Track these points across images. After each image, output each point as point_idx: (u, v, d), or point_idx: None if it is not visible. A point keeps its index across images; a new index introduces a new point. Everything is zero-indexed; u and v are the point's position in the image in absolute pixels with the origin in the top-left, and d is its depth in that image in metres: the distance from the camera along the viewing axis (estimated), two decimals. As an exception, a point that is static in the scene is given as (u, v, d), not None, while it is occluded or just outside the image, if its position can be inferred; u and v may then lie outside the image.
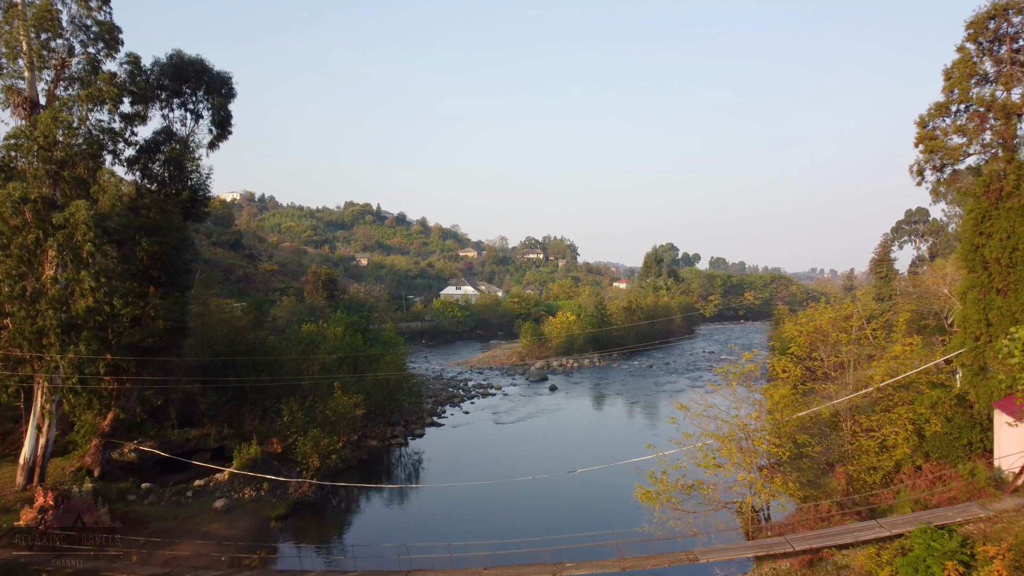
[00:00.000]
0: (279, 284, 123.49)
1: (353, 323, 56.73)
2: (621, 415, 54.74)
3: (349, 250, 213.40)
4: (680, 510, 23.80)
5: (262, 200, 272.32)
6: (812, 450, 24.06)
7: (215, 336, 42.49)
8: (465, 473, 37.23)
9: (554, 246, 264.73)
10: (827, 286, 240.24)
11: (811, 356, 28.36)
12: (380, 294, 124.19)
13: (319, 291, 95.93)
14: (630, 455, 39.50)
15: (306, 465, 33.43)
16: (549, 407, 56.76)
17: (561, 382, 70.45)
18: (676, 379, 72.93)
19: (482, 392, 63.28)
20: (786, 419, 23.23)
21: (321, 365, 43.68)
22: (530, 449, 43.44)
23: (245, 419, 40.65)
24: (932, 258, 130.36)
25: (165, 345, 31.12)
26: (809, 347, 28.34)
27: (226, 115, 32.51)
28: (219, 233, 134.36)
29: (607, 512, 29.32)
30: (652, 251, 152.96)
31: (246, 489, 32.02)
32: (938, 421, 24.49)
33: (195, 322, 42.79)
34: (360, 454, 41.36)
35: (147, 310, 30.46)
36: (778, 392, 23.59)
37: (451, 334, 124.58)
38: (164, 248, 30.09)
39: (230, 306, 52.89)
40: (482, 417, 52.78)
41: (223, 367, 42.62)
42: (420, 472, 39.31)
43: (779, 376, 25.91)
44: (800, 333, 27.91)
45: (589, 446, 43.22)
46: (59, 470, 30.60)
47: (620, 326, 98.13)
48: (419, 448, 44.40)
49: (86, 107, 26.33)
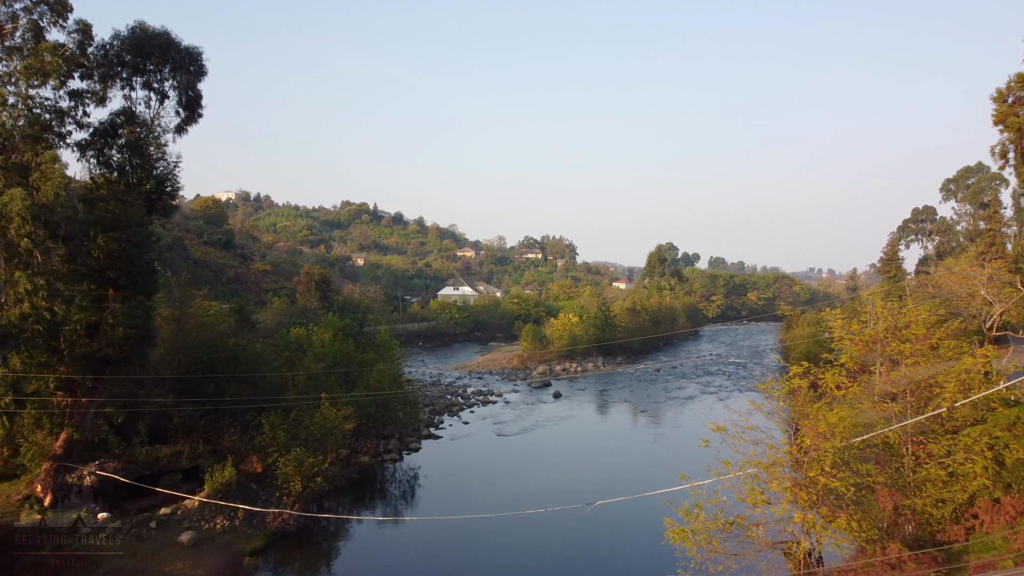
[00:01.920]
0: (272, 285, 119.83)
1: (345, 327, 53.04)
2: (634, 428, 51.03)
3: (345, 250, 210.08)
4: (719, 552, 20.17)
5: (257, 199, 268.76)
6: (873, 480, 20.52)
7: (192, 343, 38.78)
8: (467, 497, 33.70)
9: (553, 246, 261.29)
10: (830, 286, 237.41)
11: (866, 369, 24.82)
12: (376, 295, 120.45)
13: (312, 292, 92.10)
14: (651, 480, 35.87)
15: (287, 490, 29.74)
16: (554, 417, 53.14)
17: (565, 388, 66.89)
18: (686, 385, 69.38)
19: (482, 400, 59.65)
20: (845, 444, 19.65)
21: (307, 374, 39.97)
22: (537, 467, 39.69)
23: (223, 434, 36.99)
24: (940, 257, 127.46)
25: (126, 355, 27.39)
26: (861, 359, 24.75)
27: (195, 95, 28.76)
28: (210, 232, 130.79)
29: (631, 551, 25.73)
30: (655, 250, 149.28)
31: (218, 518, 28.32)
32: (1020, 446, 20.95)
33: (169, 328, 39.24)
34: (350, 472, 37.69)
35: (105, 316, 26.75)
36: (834, 413, 19.97)
37: (449, 336, 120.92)
38: (123, 246, 26.33)
39: (214, 308, 49.08)
40: (483, 428, 49.14)
41: (201, 377, 39.05)
42: (416, 493, 35.56)
43: (833, 393, 22.29)
44: (853, 342, 24.30)
45: (603, 467, 39.31)
46: (3, 498, 26.94)
47: (625, 328, 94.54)
48: (415, 464, 40.75)
49: (27, 81, 22.66)
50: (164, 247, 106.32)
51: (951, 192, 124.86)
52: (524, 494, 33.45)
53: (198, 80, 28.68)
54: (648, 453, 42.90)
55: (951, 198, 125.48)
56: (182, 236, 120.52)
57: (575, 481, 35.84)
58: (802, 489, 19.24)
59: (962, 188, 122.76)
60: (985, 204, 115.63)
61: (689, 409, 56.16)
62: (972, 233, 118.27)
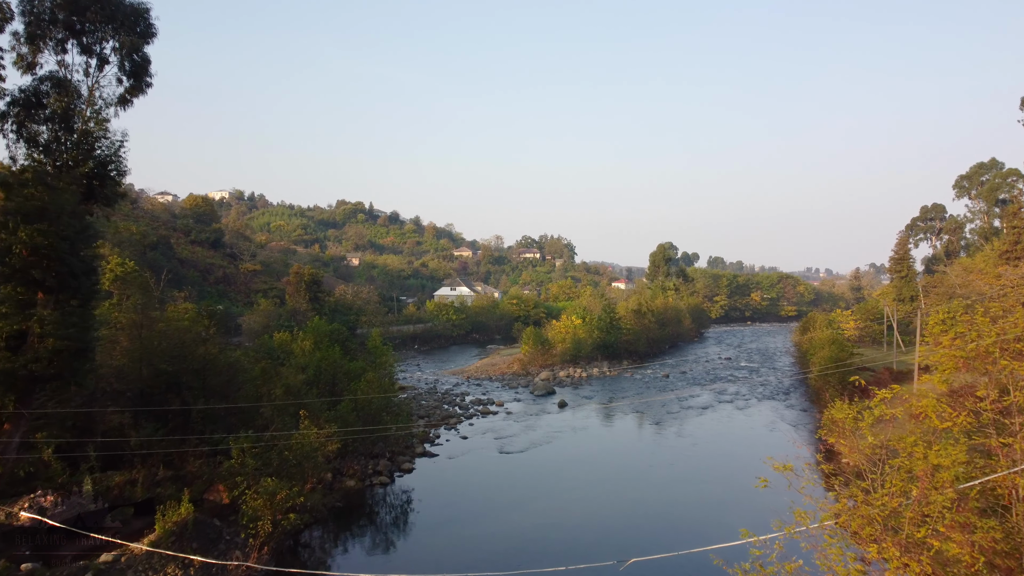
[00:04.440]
0: (261, 285, 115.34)
1: (332, 332, 48.42)
2: (652, 444, 46.42)
3: (340, 250, 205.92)
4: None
5: (251, 199, 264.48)
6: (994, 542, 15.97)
7: (154, 351, 34.12)
8: (467, 535, 29.13)
9: (551, 245, 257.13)
10: (833, 286, 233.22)
11: (972, 393, 20.36)
12: (369, 296, 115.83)
13: (301, 293, 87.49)
14: (685, 520, 31.03)
15: (255, 531, 25.11)
16: (561, 430, 48.59)
17: (570, 396, 62.37)
18: (699, 392, 64.93)
19: (481, 410, 55.08)
20: (960, 491, 15.14)
21: (286, 387, 35.35)
22: (547, 496, 34.81)
23: (189, 457, 32.43)
24: (948, 256, 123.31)
25: (57, 372, 22.77)
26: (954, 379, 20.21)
27: (142, 60, 24.13)
28: (198, 231, 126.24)
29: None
30: (659, 249, 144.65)
31: (170, 566, 23.69)
32: None
33: (128, 335, 34.63)
34: (333, 500, 33.08)
35: (31, 325, 22.14)
36: (947, 454, 15.42)
37: (446, 338, 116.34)
38: (52, 240, 21.74)
39: (189, 311, 44.31)
40: (483, 444, 44.57)
41: (165, 390, 34.52)
42: (408, 527, 30.92)
43: (934, 423, 17.74)
44: (950, 358, 19.69)
45: (625, 498, 34.20)
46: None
47: (630, 330, 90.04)
48: (408, 486, 36.22)
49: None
50: (148, 246, 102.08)
51: (965, 189, 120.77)
52: (535, 536, 28.83)
53: (145, 42, 24.05)
54: (674, 479, 38.33)
55: (965, 195, 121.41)
56: (168, 235, 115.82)
57: (594, 519, 31.10)
58: (911, 557, 14.72)
59: (976, 185, 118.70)
60: (1003, 201, 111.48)
61: (708, 422, 51.68)
62: (987, 231, 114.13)
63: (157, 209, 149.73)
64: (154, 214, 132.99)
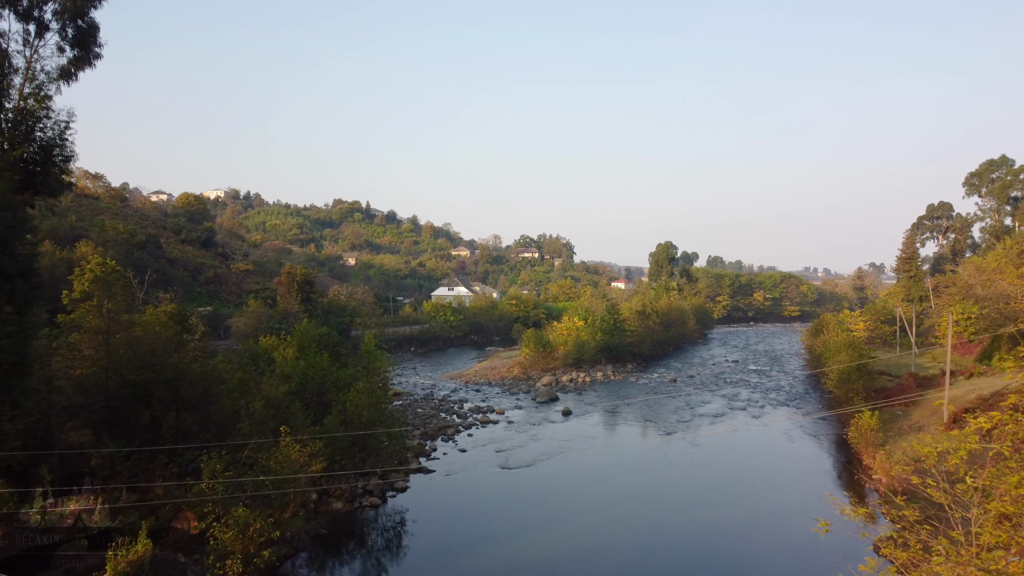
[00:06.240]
0: (253, 286, 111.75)
1: (320, 337, 45.08)
2: (665, 458, 43.18)
3: (337, 249, 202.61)
4: None
5: (247, 198, 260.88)
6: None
7: (120, 360, 30.82)
8: (468, 567, 25.90)
9: (549, 245, 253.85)
10: (836, 286, 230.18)
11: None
12: (364, 296, 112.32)
13: (293, 294, 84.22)
14: (710, 553, 26.90)
15: (222, 571, 21.87)
16: (567, 442, 45.37)
17: (574, 402, 59.20)
18: (709, 398, 61.78)
19: (481, 419, 51.85)
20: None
21: (266, 400, 32.07)
22: (555, 522, 31.38)
23: (157, 478, 29.18)
24: (954, 255, 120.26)
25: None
26: None
27: (88, 26, 20.85)
28: (189, 230, 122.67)
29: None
30: (661, 247, 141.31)
31: (122, 614, 20.51)
32: None
33: (93, 342, 31.29)
34: (318, 525, 29.84)
35: (-43, 335, 18.87)
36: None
37: (443, 340, 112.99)
38: (-21, 236, 18.47)
39: (168, 314, 40.94)
40: (483, 458, 41.35)
41: (132, 403, 31.25)
42: (400, 560, 27.67)
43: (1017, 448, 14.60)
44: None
45: (642, 525, 30.79)
46: None
47: (635, 332, 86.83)
48: (401, 507, 33.03)
49: None
50: (135, 245, 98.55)
51: (975, 187, 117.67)
52: (542, 568, 25.67)
53: (91, 5, 20.75)
54: (692, 500, 35.17)
55: (975, 192, 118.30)
56: (157, 234, 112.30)
57: (607, 548, 27.89)
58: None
59: (986, 182, 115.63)
60: (1015, 199, 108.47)
61: (722, 431, 48.50)
62: (998, 229, 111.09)
63: (148, 208, 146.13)
64: (144, 213, 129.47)
